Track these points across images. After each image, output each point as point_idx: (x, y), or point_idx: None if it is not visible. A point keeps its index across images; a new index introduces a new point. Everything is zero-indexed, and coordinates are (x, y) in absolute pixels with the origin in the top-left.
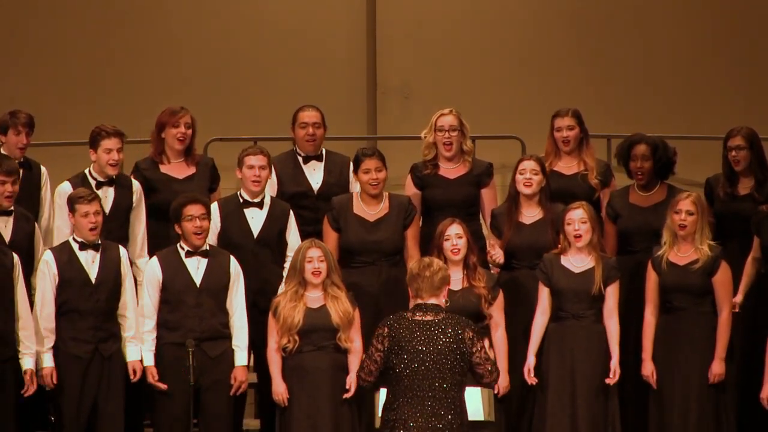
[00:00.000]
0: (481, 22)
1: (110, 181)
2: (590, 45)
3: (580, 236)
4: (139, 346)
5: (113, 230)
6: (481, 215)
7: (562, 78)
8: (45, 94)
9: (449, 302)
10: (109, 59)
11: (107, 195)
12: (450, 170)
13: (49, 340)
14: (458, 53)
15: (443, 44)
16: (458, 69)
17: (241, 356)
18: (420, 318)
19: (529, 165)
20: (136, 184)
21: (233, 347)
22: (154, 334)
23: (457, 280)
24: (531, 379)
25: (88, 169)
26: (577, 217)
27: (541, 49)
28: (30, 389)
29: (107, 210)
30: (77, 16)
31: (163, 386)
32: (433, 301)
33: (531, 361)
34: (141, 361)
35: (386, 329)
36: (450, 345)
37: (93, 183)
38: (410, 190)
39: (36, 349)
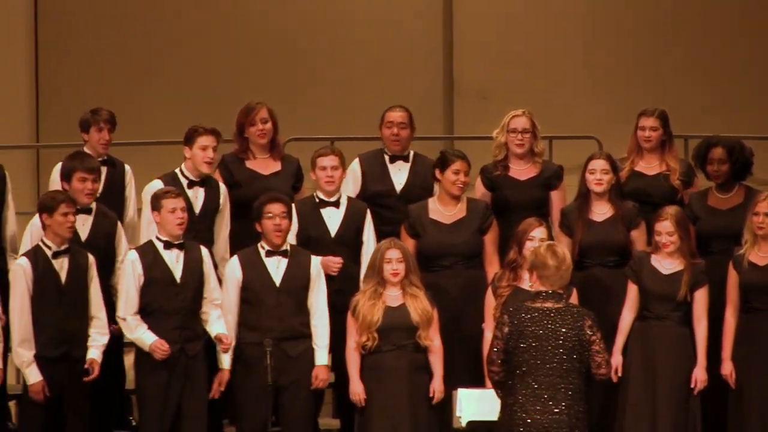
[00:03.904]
0: (559, 22)
1: (201, 182)
2: (667, 45)
3: (667, 246)
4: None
5: (201, 231)
6: (550, 218)
7: (640, 78)
8: (129, 94)
9: None
10: (192, 60)
11: (198, 195)
12: (520, 171)
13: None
14: (535, 53)
15: (520, 44)
16: (535, 69)
17: (322, 355)
18: (540, 305)
19: (599, 164)
20: (222, 188)
21: (313, 346)
22: (232, 334)
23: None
24: (616, 376)
25: (179, 168)
26: (665, 230)
27: (618, 49)
28: (92, 376)
29: (197, 210)
30: (160, 17)
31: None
32: (556, 290)
33: (618, 359)
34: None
35: (506, 316)
36: (570, 332)
37: (184, 182)
38: (480, 191)
39: (103, 342)
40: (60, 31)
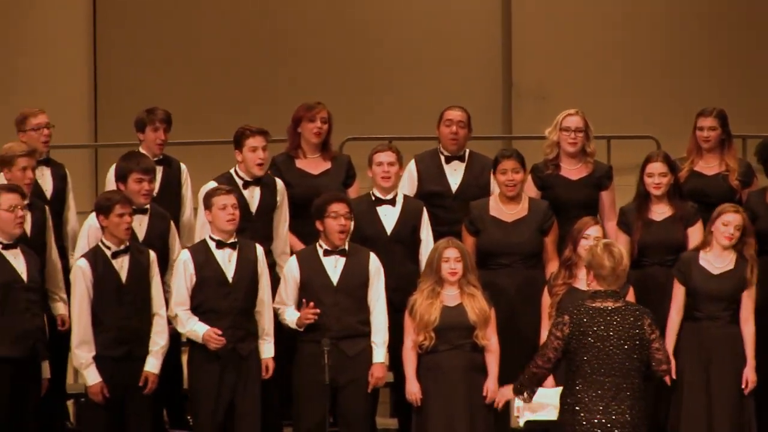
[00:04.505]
0: (616, 21)
1: (256, 181)
2: (725, 45)
3: (731, 238)
4: (272, 344)
5: (259, 229)
6: (599, 217)
7: (697, 78)
8: (186, 94)
9: None
10: (248, 59)
11: (254, 195)
12: (572, 171)
13: (193, 320)
14: (593, 53)
15: (578, 44)
16: (594, 69)
17: (379, 353)
18: (600, 305)
19: (656, 168)
20: (280, 184)
21: (372, 344)
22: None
23: (584, 279)
24: (669, 379)
25: (233, 168)
26: (734, 222)
27: (674, 48)
28: (149, 389)
29: (253, 210)
30: (217, 17)
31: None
32: (613, 289)
33: (672, 362)
34: (274, 358)
35: (567, 317)
36: (631, 331)
37: (240, 183)
38: (531, 190)
39: (161, 345)
40: (118, 33)
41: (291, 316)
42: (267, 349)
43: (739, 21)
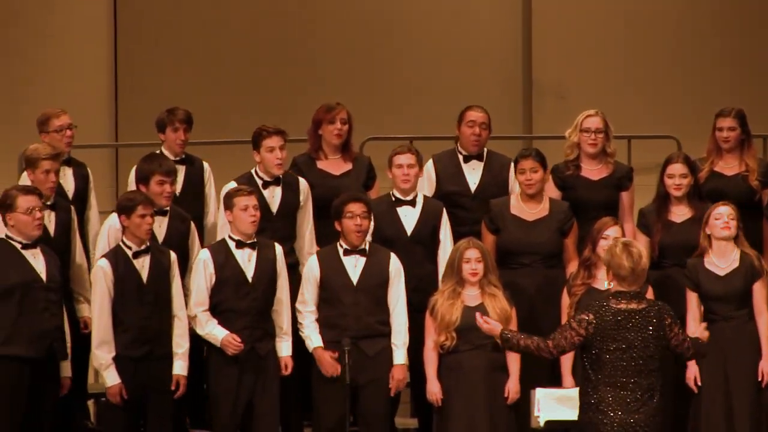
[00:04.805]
0: (637, 21)
1: (276, 181)
2: (746, 45)
3: (728, 227)
4: (290, 342)
5: (279, 229)
6: (619, 218)
7: (718, 77)
8: (206, 94)
9: None
10: (268, 59)
11: (274, 194)
12: (592, 171)
13: (212, 323)
14: (614, 52)
15: (599, 44)
16: (613, 68)
17: (400, 355)
18: (624, 306)
19: (677, 169)
20: (303, 183)
21: (391, 345)
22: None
23: (603, 279)
24: (695, 386)
25: (254, 169)
26: (726, 212)
27: (695, 48)
28: (180, 393)
29: (274, 209)
30: (235, 17)
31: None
32: (634, 289)
33: (694, 369)
34: (292, 357)
35: (592, 316)
36: (656, 332)
37: (260, 183)
38: (551, 191)
39: (186, 347)
40: (139, 32)
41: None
42: (285, 348)
43: (760, 21)
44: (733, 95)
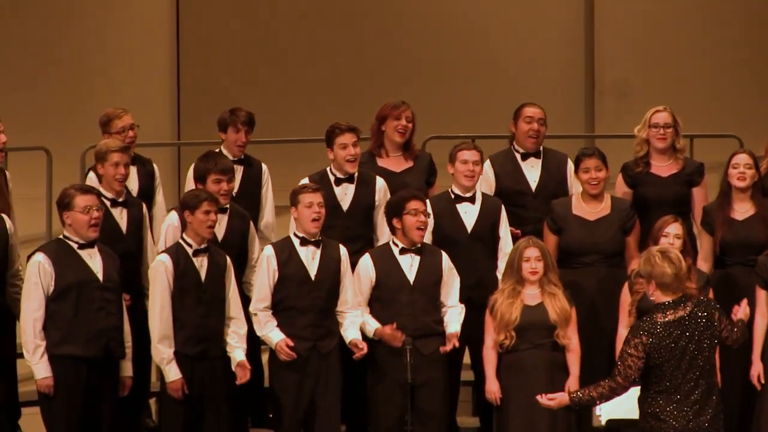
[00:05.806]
0: (699, 19)
1: (349, 178)
2: None
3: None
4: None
5: (351, 227)
6: (691, 215)
7: None
8: (266, 93)
9: None
10: (330, 58)
11: (347, 192)
12: (662, 168)
13: (271, 325)
14: (676, 51)
15: (661, 42)
16: (676, 66)
17: (455, 326)
18: (672, 317)
19: (742, 159)
20: (380, 183)
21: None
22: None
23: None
24: (759, 384)
25: (329, 167)
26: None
27: (758, 46)
28: (243, 379)
29: (345, 207)
30: (298, 16)
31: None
32: (678, 295)
33: (759, 366)
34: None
35: (645, 336)
36: (705, 333)
37: (332, 180)
38: (621, 188)
39: (243, 345)
40: (201, 31)
41: (368, 320)
42: (351, 333)
43: None
44: None
